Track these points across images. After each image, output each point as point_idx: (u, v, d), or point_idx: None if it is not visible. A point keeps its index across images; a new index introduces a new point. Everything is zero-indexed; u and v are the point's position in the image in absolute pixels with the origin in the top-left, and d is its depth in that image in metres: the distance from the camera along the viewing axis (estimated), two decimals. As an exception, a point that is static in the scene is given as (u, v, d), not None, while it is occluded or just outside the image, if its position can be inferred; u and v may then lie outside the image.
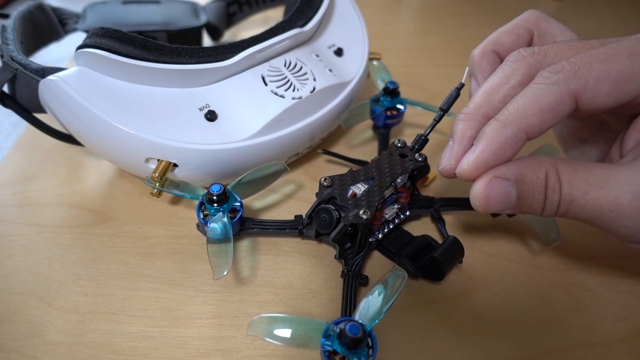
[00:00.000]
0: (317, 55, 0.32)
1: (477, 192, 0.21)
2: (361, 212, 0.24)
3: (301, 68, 0.31)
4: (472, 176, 0.21)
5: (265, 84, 0.29)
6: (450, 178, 0.23)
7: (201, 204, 0.26)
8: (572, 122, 0.27)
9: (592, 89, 0.19)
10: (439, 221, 0.29)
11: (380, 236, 0.27)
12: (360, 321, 0.20)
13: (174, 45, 0.27)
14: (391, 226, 0.28)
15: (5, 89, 0.28)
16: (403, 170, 0.26)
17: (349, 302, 0.24)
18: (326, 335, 0.20)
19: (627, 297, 0.27)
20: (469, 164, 0.21)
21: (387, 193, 0.26)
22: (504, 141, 0.20)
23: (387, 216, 0.27)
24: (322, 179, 0.26)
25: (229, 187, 0.27)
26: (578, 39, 0.23)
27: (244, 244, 0.29)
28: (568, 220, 0.30)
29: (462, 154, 0.22)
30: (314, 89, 0.30)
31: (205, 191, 0.26)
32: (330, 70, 0.32)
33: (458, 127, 0.22)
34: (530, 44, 0.26)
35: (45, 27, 0.36)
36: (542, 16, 0.26)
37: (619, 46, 0.19)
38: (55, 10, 0.37)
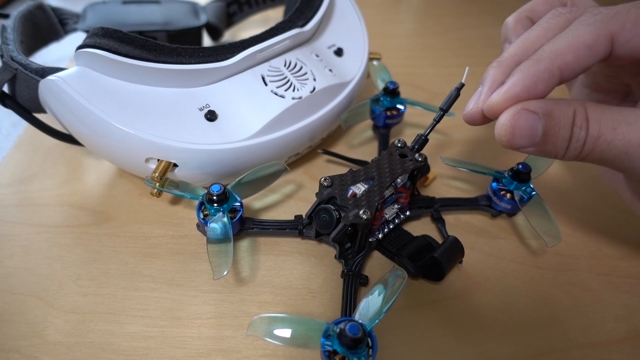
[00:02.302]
0: (317, 55, 0.32)
1: (504, 122, 0.20)
2: (361, 212, 0.24)
3: (301, 68, 0.31)
4: (501, 108, 0.20)
5: (265, 84, 0.29)
6: (476, 124, 0.22)
7: (201, 204, 0.26)
8: (596, 96, 0.27)
9: (629, 30, 0.19)
10: (439, 221, 0.29)
11: (380, 236, 0.27)
12: (360, 321, 0.20)
13: (174, 45, 0.27)
14: (391, 226, 0.28)
15: (5, 89, 0.28)
16: (403, 170, 0.26)
17: (349, 302, 0.24)
18: (326, 335, 0.20)
19: (627, 297, 0.27)
20: (498, 95, 0.20)
21: (387, 193, 0.26)
22: (536, 74, 0.20)
23: (387, 216, 0.27)
24: (322, 179, 0.26)
25: (229, 187, 0.27)
26: None
27: (244, 244, 0.29)
28: (567, 220, 0.30)
29: (488, 96, 0.21)
30: (314, 89, 0.30)
31: (205, 191, 0.26)
32: (330, 70, 0.32)
33: (489, 73, 0.22)
34: None
35: (45, 27, 0.36)
36: None
37: None
38: (55, 10, 0.37)
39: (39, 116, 0.29)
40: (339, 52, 0.34)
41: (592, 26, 0.20)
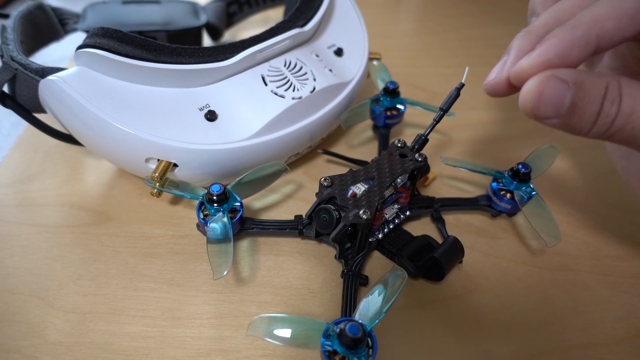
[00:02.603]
0: (317, 55, 0.32)
1: (531, 87, 0.19)
2: (361, 212, 0.24)
3: (301, 68, 0.31)
4: (530, 73, 0.19)
5: (265, 84, 0.29)
6: (498, 95, 0.21)
7: (201, 204, 0.26)
8: None
9: None
10: (439, 221, 0.29)
11: (380, 236, 0.27)
12: (360, 321, 0.20)
13: (174, 45, 0.27)
14: (391, 226, 0.28)
15: (5, 89, 0.28)
16: (403, 170, 0.26)
17: (349, 302, 0.24)
18: (326, 335, 0.20)
19: (627, 297, 0.27)
20: (529, 60, 0.19)
21: (387, 193, 0.26)
22: (572, 41, 0.18)
23: (387, 216, 0.27)
24: (322, 179, 0.26)
25: (229, 187, 0.27)
26: None
27: (244, 244, 0.29)
28: (568, 220, 0.30)
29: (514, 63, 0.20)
30: (314, 89, 0.30)
31: (205, 191, 0.26)
32: (330, 70, 0.32)
33: (516, 42, 0.21)
34: None
35: (45, 27, 0.36)
36: None
37: None
38: (55, 10, 0.37)
39: (39, 116, 0.29)
40: (339, 52, 0.34)
41: None
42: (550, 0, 0.24)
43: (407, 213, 0.29)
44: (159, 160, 0.27)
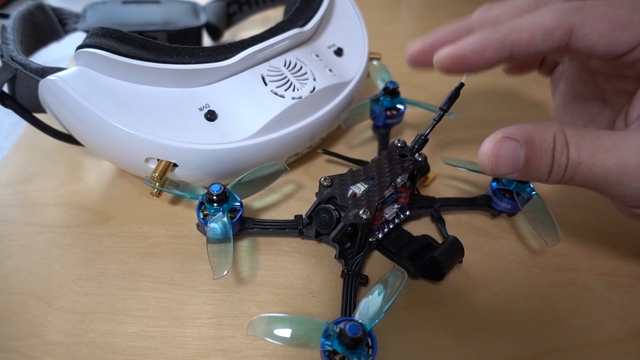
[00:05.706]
0: (317, 55, 0.32)
1: (487, 151, 0.20)
2: (361, 212, 0.24)
3: (301, 68, 0.31)
4: (447, 62, 0.22)
5: (265, 84, 0.29)
6: (417, 62, 0.24)
7: (201, 203, 0.26)
8: (576, 105, 0.28)
9: (589, 25, 0.20)
10: (439, 221, 0.29)
11: (380, 236, 0.27)
12: (360, 321, 0.20)
13: (174, 45, 0.27)
14: (391, 226, 0.28)
15: (5, 89, 0.28)
16: (403, 170, 0.26)
17: (349, 302, 0.24)
18: (326, 335, 0.20)
19: (627, 297, 0.27)
20: (448, 51, 0.22)
21: (387, 193, 0.26)
22: (489, 41, 0.21)
23: (387, 216, 0.27)
24: (322, 179, 0.26)
25: (229, 187, 0.27)
26: None
27: (244, 244, 0.29)
28: (568, 220, 0.30)
29: (436, 40, 0.24)
30: (314, 88, 0.30)
31: (205, 191, 0.26)
32: (330, 70, 0.32)
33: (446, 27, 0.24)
34: None
35: (45, 27, 0.36)
36: None
37: None
38: (55, 10, 0.37)
39: (39, 116, 0.29)
40: (339, 52, 0.34)
41: (556, 13, 0.20)
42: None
43: (407, 213, 0.29)
44: (159, 160, 0.27)
